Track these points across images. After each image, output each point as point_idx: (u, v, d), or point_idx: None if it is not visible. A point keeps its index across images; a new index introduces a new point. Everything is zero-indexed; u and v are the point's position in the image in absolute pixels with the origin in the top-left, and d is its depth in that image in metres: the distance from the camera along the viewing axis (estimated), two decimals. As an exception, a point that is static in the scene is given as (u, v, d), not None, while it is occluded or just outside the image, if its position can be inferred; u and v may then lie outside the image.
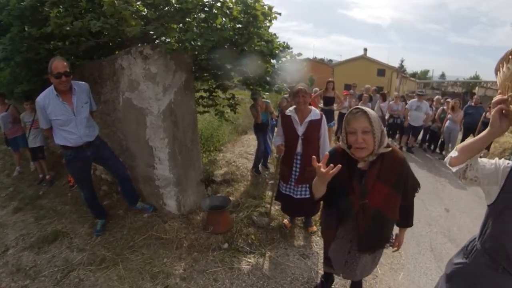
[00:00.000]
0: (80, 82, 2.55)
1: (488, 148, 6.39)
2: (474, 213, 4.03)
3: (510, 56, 1.01)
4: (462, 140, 6.79)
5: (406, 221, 1.68)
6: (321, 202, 1.64)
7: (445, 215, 3.96)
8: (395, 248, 1.81)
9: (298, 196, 2.73)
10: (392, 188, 1.48)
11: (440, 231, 3.48)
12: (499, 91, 1.09)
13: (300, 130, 2.56)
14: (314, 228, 3.00)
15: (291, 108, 2.65)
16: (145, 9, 2.19)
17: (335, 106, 6.37)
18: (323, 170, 1.31)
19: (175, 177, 2.98)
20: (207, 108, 4.25)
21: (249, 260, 2.58)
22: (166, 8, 2.30)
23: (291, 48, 3.43)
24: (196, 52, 2.87)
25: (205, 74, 3.58)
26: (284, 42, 3.38)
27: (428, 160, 6.74)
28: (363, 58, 28.57)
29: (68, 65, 2.29)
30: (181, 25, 2.48)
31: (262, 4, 2.75)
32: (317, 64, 31.17)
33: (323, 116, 2.64)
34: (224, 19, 2.62)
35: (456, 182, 5.30)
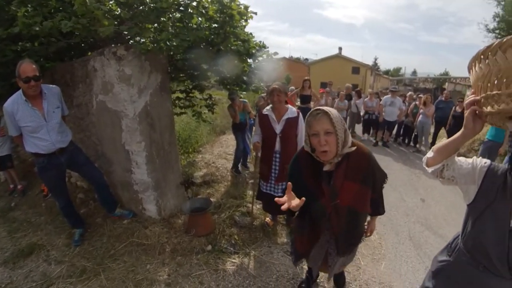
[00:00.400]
0: (51, 85, 2.46)
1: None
2: (448, 201, 4.33)
3: (481, 56, 0.98)
4: (435, 133, 7.27)
5: (377, 210, 1.73)
6: None
7: (421, 205, 4.21)
8: (368, 234, 1.88)
9: (279, 194, 2.78)
10: (361, 184, 1.50)
11: (418, 220, 3.71)
12: (472, 90, 1.09)
13: (278, 128, 2.63)
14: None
15: (268, 107, 2.72)
16: (119, 9, 2.16)
17: (312, 104, 6.55)
18: (287, 206, 1.28)
19: (154, 181, 2.95)
20: (184, 109, 4.22)
21: (233, 260, 2.62)
22: (141, 7, 2.28)
23: (268, 48, 3.51)
24: (171, 53, 2.87)
25: (181, 75, 3.56)
26: (260, 42, 3.45)
27: (403, 153, 7.11)
28: (338, 57, 29.51)
29: (37, 68, 2.20)
30: (156, 25, 2.46)
31: (238, 3, 2.79)
32: (294, 63, 31.71)
33: (300, 113, 2.72)
34: (199, 18, 2.64)
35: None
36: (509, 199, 1.07)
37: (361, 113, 8.10)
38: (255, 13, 3.09)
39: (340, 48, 30.49)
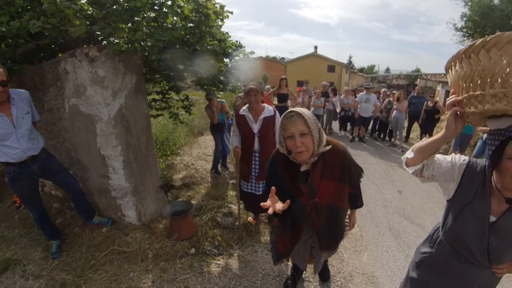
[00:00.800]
0: (19, 90, 2.34)
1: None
2: (424, 192, 4.59)
3: (463, 55, 0.97)
4: (408, 127, 7.70)
5: (356, 204, 1.78)
6: None
7: (399, 196, 4.44)
8: (350, 228, 1.94)
9: (261, 193, 2.84)
10: (338, 181, 1.54)
11: (396, 211, 3.91)
12: (452, 90, 1.09)
13: (256, 128, 2.68)
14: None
15: (244, 107, 2.75)
16: (91, 8, 2.09)
17: (289, 102, 6.68)
18: (272, 210, 1.30)
19: (132, 186, 2.90)
20: (160, 111, 4.18)
21: (218, 262, 2.63)
22: (114, 6, 2.22)
23: (244, 47, 3.55)
24: (146, 53, 2.85)
25: (156, 76, 3.52)
26: (236, 41, 3.49)
27: (379, 147, 7.43)
28: (314, 56, 30.20)
29: (5, 73, 2.08)
30: (129, 24, 2.42)
31: (213, 2, 2.81)
32: (270, 62, 32.09)
33: (277, 112, 2.77)
34: (175, 18, 2.63)
35: (404, 166, 5.97)
36: (488, 196, 1.12)
37: (338, 110, 8.39)
38: (231, 13, 3.13)
39: (315, 47, 31.22)
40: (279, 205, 1.33)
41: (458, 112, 1.03)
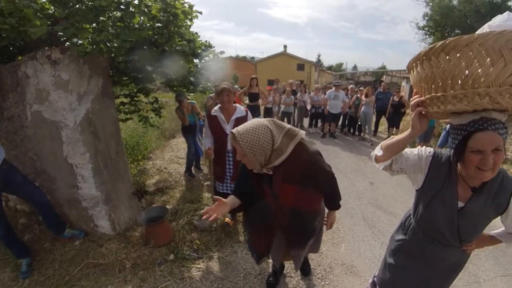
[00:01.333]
0: None
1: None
2: (394, 182, 4.89)
3: (424, 57, 1.02)
4: (376, 121, 8.16)
5: (333, 204, 1.84)
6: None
7: (371, 188, 4.70)
8: (328, 227, 1.97)
9: None
10: (300, 185, 1.55)
11: (369, 202, 4.14)
12: (415, 90, 1.15)
13: (228, 128, 2.69)
14: None
15: (216, 108, 2.76)
16: (52, 7, 1.99)
17: (260, 101, 6.78)
18: (214, 218, 1.41)
19: (104, 195, 2.81)
20: (129, 114, 4.05)
21: (198, 266, 2.63)
22: (77, 5, 2.13)
23: (214, 47, 3.57)
24: (112, 55, 2.77)
25: (124, 78, 3.42)
26: (206, 41, 3.49)
27: (350, 142, 7.81)
28: (284, 55, 30.75)
29: None
30: (94, 24, 2.33)
31: (182, 2, 2.79)
32: (240, 61, 32.19)
33: (249, 112, 2.82)
34: (142, 18, 2.58)
35: (375, 159, 6.32)
36: (455, 184, 1.22)
37: (308, 107, 8.69)
38: (200, 13, 3.13)
39: (285, 46, 31.85)
40: (221, 209, 1.49)
41: (423, 112, 1.10)
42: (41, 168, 2.73)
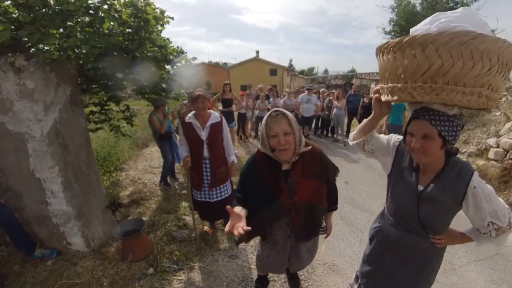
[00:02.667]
0: None
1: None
2: (368, 180, 5.10)
3: (385, 50, 1.12)
4: (348, 123, 8.45)
5: (331, 205, 1.87)
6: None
7: (346, 187, 4.85)
8: (327, 235, 1.98)
9: (215, 200, 2.87)
10: (316, 179, 1.63)
11: (345, 201, 4.26)
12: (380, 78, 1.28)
13: (204, 135, 2.68)
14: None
15: (190, 115, 2.73)
16: (16, 10, 1.88)
17: (234, 107, 6.81)
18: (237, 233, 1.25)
19: (75, 210, 2.67)
20: (100, 124, 3.89)
21: (179, 277, 2.58)
22: (43, 9, 2.01)
23: (186, 53, 3.54)
24: (81, 61, 2.68)
25: (93, 86, 3.28)
26: (178, 47, 3.46)
27: (324, 143, 8.04)
28: (256, 60, 31.16)
29: None
30: (62, 30, 2.23)
31: (153, 7, 2.76)
32: (213, 67, 32.27)
33: (223, 118, 2.83)
34: (112, 23, 2.52)
35: (349, 158, 6.56)
36: (416, 168, 1.33)
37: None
38: (172, 18, 3.11)
39: (257, 52, 32.31)
40: (242, 226, 1.29)
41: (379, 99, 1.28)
42: (6, 184, 2.55)
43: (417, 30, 1.07)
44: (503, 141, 4.91)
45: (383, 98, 1.21)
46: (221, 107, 6.51)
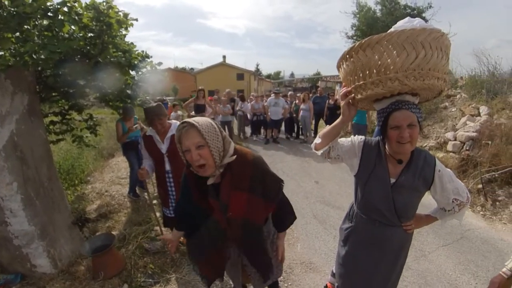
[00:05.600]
0: None
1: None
2: (337, 178, 5.28)
3: (347, 56, 1.23)
4: (315, 124, 8.71)
5: (281, 224, 1.67)
6: None
7: (317, 186, 4.98)
8: (280, 259, 1.72)
9: None
10: (249, 192, 1.44)
11: (317, 200, 4.38)
12: (343, 84, 1.35)
13: (163, 147, 2.55)
14: None
15: (150, 128, 2.59)
16: None
17: (206, 114, 6.80)
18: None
19: (39, 229, 2.47)
20: (61, 135, 3.64)
21: (156, 291, 2.47)
22: None
23: (151, 58, 3.45)
24: (39, 68, 2.51)
25: (53, 94, 3.06)
26: (143, 52, 3.36)
27: (293, 145, 8.23)
28: (223, 65, 31.15)
29: None
30: (18, 33, 2.07)
31: (116, 10, 2.65)
32: (179, 73, 31.76)
33: None
34: (72, 26, 2.36)
35: (318, 157, 6.68)
36: (385, 162, 1.41)
37: (249, 116, 8.96)
38: (136, 20, 3.01)
39: (224, 57, 32.42)
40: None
41: (350, 100, 1.31)
42: (-43, 205, 2.29)
43: (400, 26, 1.23)
44: (460, 134, 5.35)
45: (361, 95, 1.23)
46: (193, 112, 6.46)
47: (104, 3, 2.62)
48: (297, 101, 8.69)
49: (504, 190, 4.22)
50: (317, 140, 1.46)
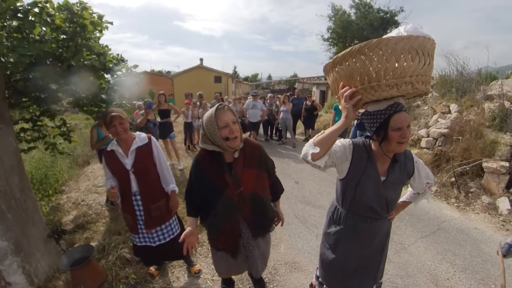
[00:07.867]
0: None
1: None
2: (316, 178, 5.37)
3: (357, 54, 1.16)
4: (293, 124, 8.78)
5: (276, 195, 2.02)
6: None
7: (297, 187, 5.05)
8: (280, 224, 2.11)
9: (158, 243, 2.36)
10: (258, 169, 1.78)
11: (297, 200, 4.44)
12: (341, 83, 1.26)
13: (128, 163, 2.16)
14: (198, 267, 2.79)
15: (113, 142, 2.21)
16: None
17: (171, 118, 6.42)
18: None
19: (12, 243, 2.32)
20: (33, 142, 3.42)
21: (140, 302, 2.39)
22: None
23: (127, 61, 3.37)
24: (8, 72, 2.37)
25: (24, 99, 2.88)
26: (118, 55, 3.28)
27: (272, 147, 8.27)
28: (200, 68, 30.73)
29: None
30: None
31: (90, 12, 2.56)
32: (156, 76, 31.01)
33: (152, 138, 2.29)
34: (44, 28, 2.24)
35: (297, 158, 6.82)
36: (374, 162, 1.46)
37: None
38: (111, 23, 2.93)
39: (201, 59, 31.80)
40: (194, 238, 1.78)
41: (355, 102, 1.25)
42: None
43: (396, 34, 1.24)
44: (432, 131, 5.63)
45: (373, 96, 1.18)
46: (159, 119, 6.19)
47: (78, 4, 2.52)
48: (277, 103, 8.75)
49: (476, 182, 4.48)
50: (314, 149, 1.27)
